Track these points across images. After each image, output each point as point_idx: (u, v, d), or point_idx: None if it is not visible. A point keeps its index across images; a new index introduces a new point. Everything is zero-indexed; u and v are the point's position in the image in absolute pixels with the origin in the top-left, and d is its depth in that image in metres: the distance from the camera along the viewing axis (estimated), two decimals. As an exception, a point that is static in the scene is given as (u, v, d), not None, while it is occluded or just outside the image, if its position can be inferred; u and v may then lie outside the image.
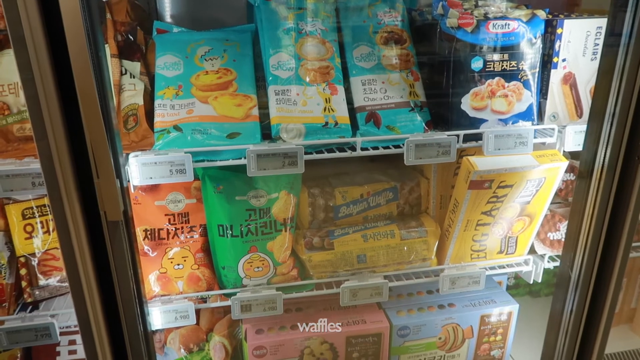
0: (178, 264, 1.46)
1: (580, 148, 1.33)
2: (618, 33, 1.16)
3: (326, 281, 1.54)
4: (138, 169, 1.21)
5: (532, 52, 1.42)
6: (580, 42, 1.44)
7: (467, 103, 1.41)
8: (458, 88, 1.41)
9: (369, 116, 1.41)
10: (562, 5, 1.82)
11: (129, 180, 1.21)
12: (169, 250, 1.45)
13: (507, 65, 1.41)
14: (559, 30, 1.41)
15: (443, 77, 1.42)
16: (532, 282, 1.69)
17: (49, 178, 1.02)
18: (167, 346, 1.66)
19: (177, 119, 1.31)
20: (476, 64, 1.39)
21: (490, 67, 1.40)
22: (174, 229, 1.45)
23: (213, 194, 1.41)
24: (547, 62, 1.46)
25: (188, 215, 1.45)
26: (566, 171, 1.57)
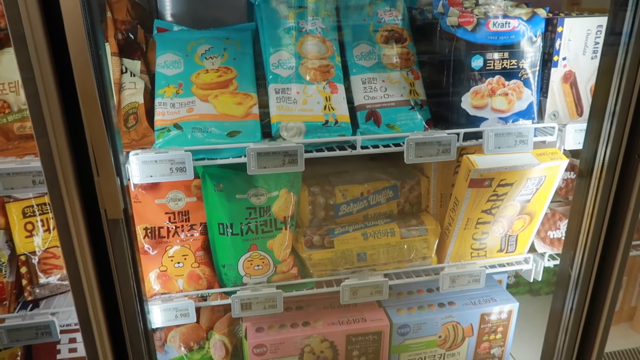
0: (178, 262, 1.46)
1: (581, 146, 1.33)
2: (618, 32, 1.16)
3: (326, 279, 1.54)
4: (138, 167, 1.21)
5: (532, 51, 1.42)
6: (581, 41, 1.43)
7: (468, 101, 1.41)
8: (458, 86, 1.41)
9: (369, 115, 1.41)
10: (562, 4, 1.82)
11: (129, 179, 1.21)
12: (169, 248, 1.45)
13: (507, 64, 1.41)
14: (559, 29, 1.41)
15: (443, 75, 1.42)
16: (532, 280, 1.69)
17: (50, 176, 1.02)
18: (168, 344, 1.67)
19: (177, 117, 1.31)
20: (476, 63, 1.39)
21: (490, 66, 1.40)
22: (174, 227, 1.45)
23: (213, 192, 1.41)
24: (548, 60, 1.46)
25: (188, 213, 1.45)
26: (566, 170, 1.57)
